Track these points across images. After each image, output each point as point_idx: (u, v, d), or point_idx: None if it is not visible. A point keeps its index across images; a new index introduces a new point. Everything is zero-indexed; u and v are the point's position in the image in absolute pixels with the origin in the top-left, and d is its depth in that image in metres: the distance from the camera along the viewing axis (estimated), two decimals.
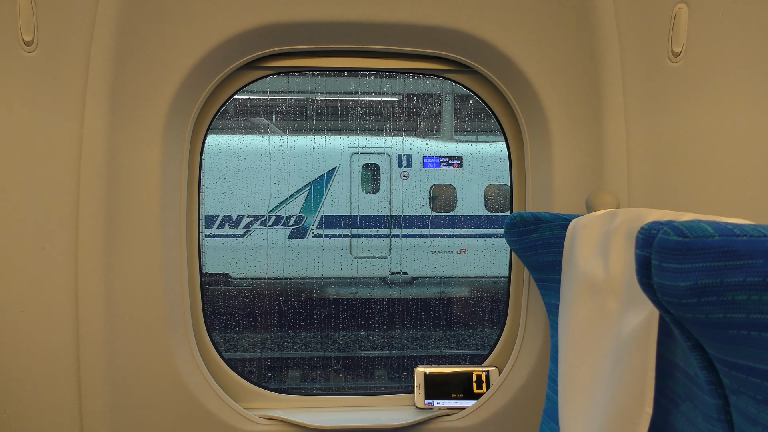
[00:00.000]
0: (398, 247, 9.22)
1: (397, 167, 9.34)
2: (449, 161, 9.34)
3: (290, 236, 9.04)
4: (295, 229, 9.04)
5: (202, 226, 2.05)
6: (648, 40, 1.77)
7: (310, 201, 9.06)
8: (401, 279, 9.25)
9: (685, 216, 1.01)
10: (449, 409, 2.07)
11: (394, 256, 9.26)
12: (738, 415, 0.78)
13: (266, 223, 8.97)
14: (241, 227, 8.93)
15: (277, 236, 9.00)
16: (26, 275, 1.73)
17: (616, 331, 1.13)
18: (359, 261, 9.20)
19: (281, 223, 9.01)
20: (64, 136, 1.71)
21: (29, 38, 1.67)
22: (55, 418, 1.78)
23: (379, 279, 9.27)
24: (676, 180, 1.79)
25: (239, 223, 8.92)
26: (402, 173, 9.33)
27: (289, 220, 9.01)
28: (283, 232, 9.02)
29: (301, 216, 9.04)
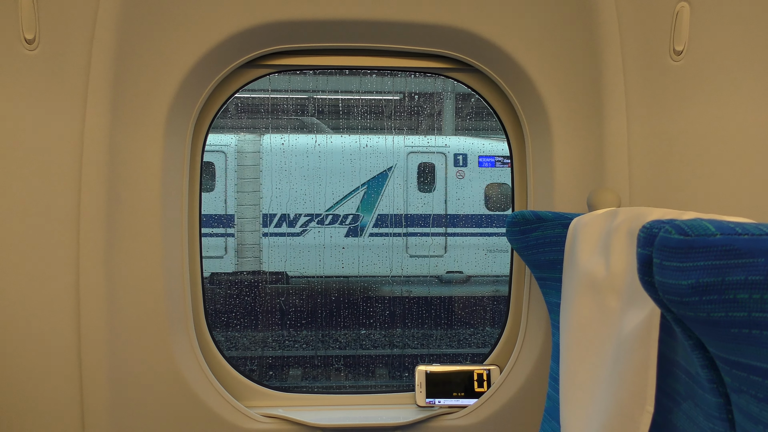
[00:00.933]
0: (454, 246, 9.18)
1: (452, 166, 9.30)
2: (504, 160, 9.25)
3: (347, 235, 9.09)
4: (351, 228, 9.10)
5: (201, 225, 2.06)
6: (650, 39, 1.77)
7: (367, 200, 9.10)
8: (457, 277, 9.21)
9: (686, 214, 1.01)
10: (450, 407, 2.06)
11: (450, 254, 9.22)
12: (739, 414, 0.77)
13: (323, 222, 9.05)
14: (299, 226, 9.02)
15: (333, 235, 9.07)
16: (28, 274, 1.74)
17: (617, 330, 1.13)
18: (414, 259, 9.20)
19: (338, 222, 9.07)
20: (66, 135, 1.72)
21: (31, 36, 1.68)
22: (57, 416, 1.79)
23: (434, 277, 9.25)
24: (677, 178, 1.78)
25: (296, 222, 9.01)
26: (457, 172, 9.28)
27: (346, 219, 9.07)
28: (340, 230, 9.08)
29: (358, 215, 9.09)
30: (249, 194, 9.01)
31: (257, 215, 9.01)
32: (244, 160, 9.01)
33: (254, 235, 9.01)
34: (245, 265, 8.97)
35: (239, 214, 8.98)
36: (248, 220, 8.99)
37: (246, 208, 9.00)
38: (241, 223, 8.98)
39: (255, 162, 9.02)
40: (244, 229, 8.99)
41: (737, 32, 1.74)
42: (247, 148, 9.02)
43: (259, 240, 9.02)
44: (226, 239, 8.93)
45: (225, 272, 8.86)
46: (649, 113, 1.80)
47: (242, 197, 9.01)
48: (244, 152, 9.02)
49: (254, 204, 9.01)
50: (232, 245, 8.95)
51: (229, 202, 8.94)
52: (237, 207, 8.97)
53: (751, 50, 1.74)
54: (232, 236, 8.95)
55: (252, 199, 9.01)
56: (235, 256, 8.96)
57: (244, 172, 9.00)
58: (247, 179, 8.99)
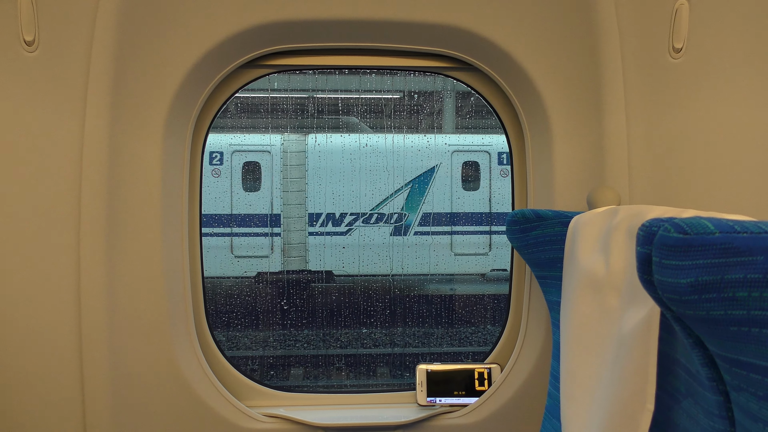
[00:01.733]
0: (499, 244, 9.12)
1: (496, 165, 9.24)
2: None
3: (392, 234, 9.11)
4: (397, 227, 9.11)
5: (202, 225, 2.07)
6: (649, 37, 1.76)
7: (412, 198, 9.10)
8: (502, 275, 9.14)
9: (686, 213, 1.01)
10: (451, 406, 2.06)
11: (494, 252, 9.16)
12: (739, 412, 0.78)
13: (369, 221, 9.09)
14: (344, 225, 9.07)
15: (379, 234, 9.10)
16: (29, 275, 1.75)
17: (617, 328, 1.14)
18: (459, 258, 9.17)
19: (383, 221, 9.09)
20: (66, 136, 1.72)
21: (30, 38, 1.68)
22: (58, 416, 1.80)
23: (479, 275, 9.20)
24: (677, 176, 1.78)
25: (342, 221, 9.06)
26: (501, 171, 9.21)
27: (391, 218, 9.08)
28: (385, 229, 9.10)
29: (403, 213, 9.09)
30: (295, 193, 9.10)
31: (303, 214, 9.08)
32: (290, 159, 9.10)
33: (300, 234, 9.09)
34: (291, 264, 9.06)
35: (285, 213, 9.07)
36: (294, 220, 9.08)
37: (292, 207, 9.09)
38: (287, 222, 9.07)
39: (300, 161, 9.10)
40: (290, 228, 9.08)
41: (736, 29, 1.73)
42: (293, 147, 9.11)
43: (305, 239, 9.09)
44: (272, 238, 9.03)
45: (271, 271, 8.97)
46: (649, 111, 1.79)
47: (288, 197, 9.10)
48: (289, 152, 9.11)
49: (300, 203, 9.09)
50: (278, 244, 9.05)
51: (275, 201, 9.04)
52: (283, 206, 9.07)
53: (750, 47, 1.73)
54: (278, 236, 9.05)
55: (298, 199, 9.09)
56: (282, 255, 9.06)
57: (289, 171, 9.09)
58: (293, 179, 9.08)
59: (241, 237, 8.90)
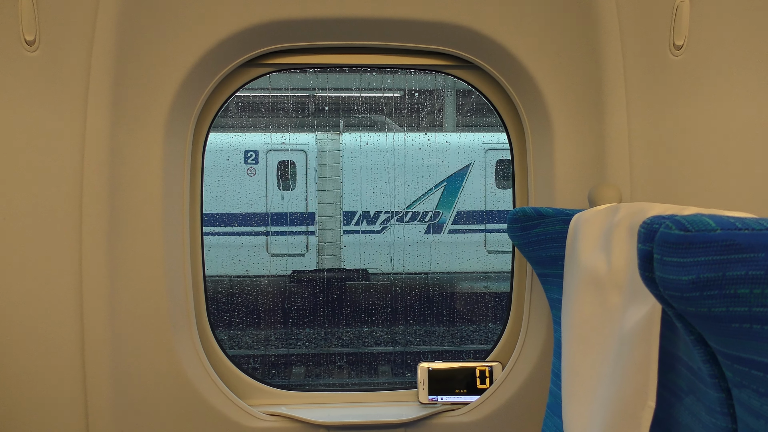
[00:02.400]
0: None
1: None
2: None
3: (426, 232, 9.09)
4: (431, 225, 9.08)
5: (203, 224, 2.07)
6: (650, 34, 1.76)
7: (446, 197, 9.06)
8: None
9: (687, 210, 1.01)
10: (453, 404, 2.06)
11: None
12: (741, 409, 0.78)
13: (403, 219, 9.08)
14: (379, 223, 9.07)
15: (413, 232, 9.09)
16: (31, 274, 1.76)
17: (618, 326, 1.14)
18: (494, 255, 9.11)
19: (417, 219, 9.08)
20: (67, 135, 1.73)
21: (31, 38, 1.69)
22: (60, 414, 1.81)
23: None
24: (678, 173, 1.78)
25: (376, 219, 9.07)
26: None
27: (425, 216, 9.06)
28: (420, 227, 9.08)
29: (437, 212, 9.06)
30: (330, 192, 9.13)
31: (338, 213, 9.12)
32: (325, 158, 9.14)
33: (335, 232, 9.12)
34: (326, 263, 9.10)
35: (320, 212, 9.11)
36: (329, 218, 9.12)
37: (327, 206, 9.12)
38: (322, 221, 9.11)
39: (335, 160, 9.13)
40: (325, 226, 9.12)
41: (737, 26, 1.73)
42: (327, 146, 9.15)
43: (340, 237, 9.12)
44: (307, 237, 9.08)
45: (306, 270, 9.02)
46: (650, 108, 1.78)
47: (323, 195, 9.14)
48: (324, 150, 9.15)
49: (335, 202, 9.13)
50: (313, 243, 9.09)
51: (310, 200, 9.09)
52: (318, 205, 9.11)
53: (751, 44, 1.73)
54: (313, 234, 9.10)
55: (333, 197, 9.13)
56: (317, 254, 9.10)
57: (324, 170, 9.13)
58: (328, 178, 9.12)
59: (276, 236, 8.96)
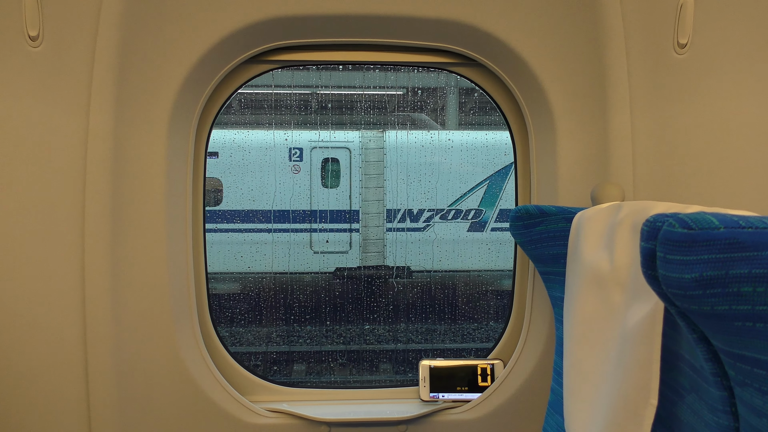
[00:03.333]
0: None
1: None
2: None
3: (469, 230, 9.04)
4: (474, 223, 9.03)
5: (206, 221, 2.08)
6: (653, 32, 1.75)
7: (489, 195, 9.00)
8: None
9: (690, 208, 1.01)
10: (454, 401, 2.05)
11: None
12: (743, 407, 0.78)
13: (446, 217, 9.04)
14: (422, 221, 9.05)
15: (456, 230, 9.04)
16: (33, 270, 1.76)
17: (621, 324, 1.15)
18: None
19: (460, 217, 9.03)
20: (70, 131, 1.73)
21: (34, 33, 1.69)
22: (63, 411, 1.81)
23: None
24: (681, 172, 1.77)
25: (419, 217, 9.05)
26: None
27: (468, 214, 9.01)
28: (462, 225, 9.04)
29: (480, 210, 9.00)
30: (373, 189, 9.15)
31: (381, 211, 9.12)
32: (368, 156, 9.16)
33: (378, 230, 9.14)
34: (369, 260, 9.12)
35: (364, 209, 9.13)
36: (372, 216, 9.14)
37: (370, 203, 9.14)
38: (366, 218, 9.14)
39: (378, 158, 9.14)
40: (368, 224, 9.14)
41: (741, 25, 1.71)
42: (371, 144, 9.17)
43: (383, 235, 9.13)
44: (350, 234, 9.12)
45: (349, 267, 9.06)
46: (653, 107, 1.77)
47: (367, 193, 9.16)
48: (368, 148, 9.17)
49: (378, 199, 9.14)
50: (356, 240, 9.13)
51: (354, 197, 9.12)
52: (362, 203, 9.14)
53: (755, 42, 1.72)
54: (356, 231, 9.13)
55: (376, 195, 9.14)
56: (360, 251, 9.13)
57: (368, 168, 9.15)
58: (372, 175, 9.14)
59: (320, 233, 9.02)
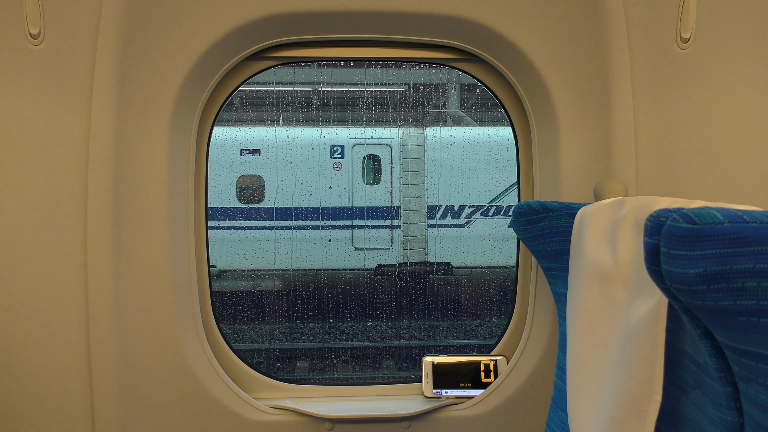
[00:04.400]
0: None
1: None
2: None
3: (509, 226, 8.94)
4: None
5: (208, 218, 2.09)
6: (656, 27, 1.74)
7: None
8: None
9: (694, 203, 1.00)
10: (457, 398, 2.04)
11: None
12: (748, 403, 0.78)
13: (487, 213, 8.97)
14: (463, 217, 9.01)
15: (496, 226, 8.97)
16: (36, 269, 1.76)
17: (624, 320, 1.14)
18: None
19: (501, 213, 8.96)
20: (71, 129, 1.73)
21: (36, 31, 1.69)
22: (66, 408, 1.82)
23: None
24: (684, 167, 1.76)
25: (460, 213, 9.00)
26: None
27: (509, 211, 8.92)
28: (504, 221, 8.96)
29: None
30: (414, 186, 9.13)
31: (422, 207, 9.10)
32: (409, 152, 9.15)
33: (419, 226, 9.11)
34: (410, 256, 9.10)
35: (405, 206, 9.12)
36: (413, 212, 9.12)
37: (411, 200, 9.13)
38: (407, 214, 9.13)
39: (419, 154, 9.12)
40: (409, 220, 9.13)
41: (744, 19, 1.70)
42: (412, 140, 9.15)
43: (424, 231, 9.11)
44: (392, 231, 9.11)
45: (390, 263, 9.06)
46: (656, 101, 1.76)
47: (407, 189, 9.15)
48: (408, 145, 9.15)
49: (419, 196, 9.12)
50: (397, 237, 9.12)
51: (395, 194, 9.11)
52: (402, 199, 9.13)
53: (758, 36, 1.70)
54: (398, 228, 9.12)
55: (417, 191, 9.12)
56: (401, 248, 9.12)
57: (409, 164, 9.13)
58: (412, 172, 9.12)
59: (361, 230, 9.04)
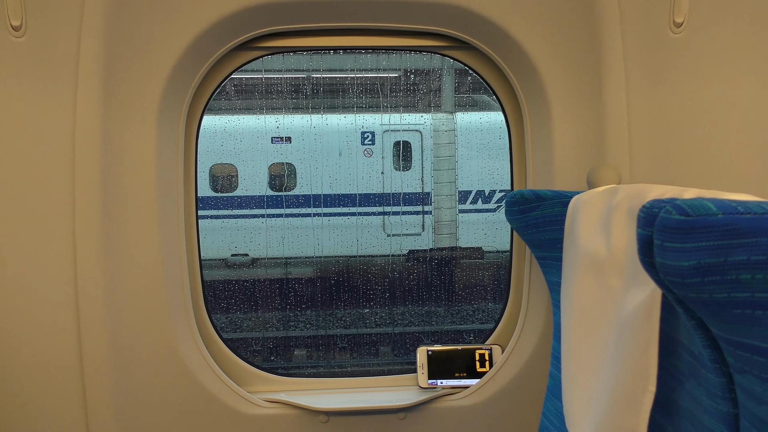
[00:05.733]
0: None
1: None
2: None
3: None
4: None
5: (198, 209, 2.05)
6: (649, 11, 1.72)
7: None
8: None
9: (687, 192, 1.00)
10: (453, 388, 2.02)
11: None
12: (742, 394, 0.77)
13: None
14: (493, 202, 8.95)
15: None
16: (24, 264, 1.74)
17: (618, 309, 1.14)
18: None
19: None
20: (56, 123, 1.70)
21: (17, 23, 1.64)
22: (59, 405, 1.79)
23: None
24: (678, 154, 1.74)
25: (491, 198, 8.95)
26: None
27: None
28: None
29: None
30: (445, 172, 9.09)
31: (453, 192, 9.06)
32: (440, 138, 9.10)
33: (451, 212, 9.08)
34: (442, 242, 9.08)
35: (436, 191, 9.09)
36: (444, 198, 9.08)
37: (442, 185, 9.09)
38: (438, 200, 9.09)
39: (450, 140, 9.07)
40: (440, 206, 9.09)
41: (738, 3, 1.68)
42: (442, 126, 9.10)
43: (455, 216, 9.07)
44: (423, 216, 9.09)
45: (422, 249, 9.04)
46: (649, 87, 1.74)
47: (438, 175, 9.11)
48: (439, 131, 9.11)
49: (450, 181, 9.08)
50: (428, 222, 9.10)
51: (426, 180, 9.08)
52: (434, 185, 9.09)
53: (752, 21, 1.71)
54: (429, 213, 9.10)
55: (448, 177, 9.08)
56: (432, 233, 9.10)
57: (439, 150, 9.09)
58: (443, 157, 9.08)
59: (393, 216, 9.03)
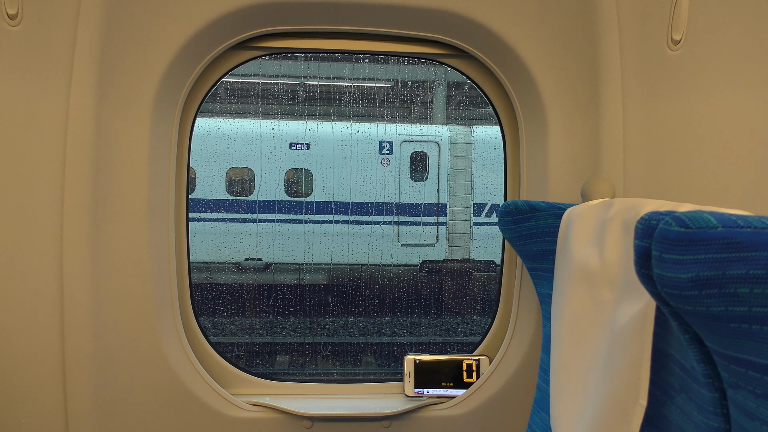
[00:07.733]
0: None
1: None
2: None
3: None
4: None
5: (189, 210, 2.03)
6: (648, 27, 1.73)
7: None
8: None
9: (682, 207, 0.98)
10: (439, 397, 1.99)
11: None
12: (735, 409, 0.76)
13: None
14: None
15: None
16: (9, 257, 1.69)
17: (610, 322, 1.12)
18: None
19: None
20: (49, 114, 1.66)
21: (13, 11, 1.61)
22: (39, 400, 1.75)
23: None
24: (672, 169, 1.74)
25: None
26: None
27: None
28: None
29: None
30: (461, 184, 9.08)
31: (468, 204, 9.05)
32: (457, 150, 9.10)
33: (465, 223, 9.07)
34: (455, 253, 9.06)
35: (451, 203, 9.08)
36: (459, 210, 9.07)
37: (458, 197, 9.08)
38: (453, 212, 9.09)
39: (467, 152, 9.07)
40: (455, 217, 9.09)
41: (736, 22, 1.71)
42: (459, 138, 9.10)
43: (470, 228, 9.06)
44: (438, 227, 9.09)
45: (435, 260, 9.03)
46: (646, 102, 1.74)
47: (455, 187, 9.10)
48: (456, 142, 9.11)
49: (466, 193, 9.07)
50: (443, 233, 9.09)
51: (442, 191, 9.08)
52: (449, 196, 9.09)
53: (749, 39, 1.71)
54: (443, 225, 9.09)
55: (464, 189, 9.07)
56: (446, 244, 9.08)
57: (456, 162, 9.09)
58: (459, 169, 9.07)
59: (407, 226, 9.03)
